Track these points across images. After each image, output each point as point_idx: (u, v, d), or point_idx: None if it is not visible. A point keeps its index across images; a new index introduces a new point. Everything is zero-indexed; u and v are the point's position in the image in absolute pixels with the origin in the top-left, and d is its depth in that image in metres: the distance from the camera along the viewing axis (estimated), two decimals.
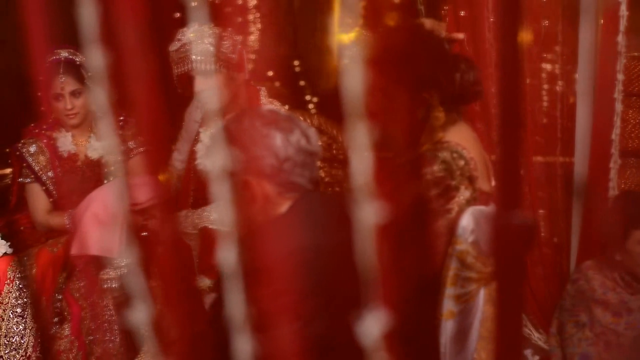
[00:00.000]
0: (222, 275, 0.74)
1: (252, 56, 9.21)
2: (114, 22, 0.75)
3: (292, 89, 4.42)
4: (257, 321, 0.72)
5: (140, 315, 0.76)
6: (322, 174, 3.23)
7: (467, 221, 2.03)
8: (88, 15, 0.75)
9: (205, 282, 2.75)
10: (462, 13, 2.85)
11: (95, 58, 0.76)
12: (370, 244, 0.67)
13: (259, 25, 9.36)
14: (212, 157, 1.50)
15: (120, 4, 0.81)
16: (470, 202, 2.15)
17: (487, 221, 2.02)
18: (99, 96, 0.76)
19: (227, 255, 0.73)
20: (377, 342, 0.68)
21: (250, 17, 9.35)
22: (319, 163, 1.66)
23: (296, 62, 5.01)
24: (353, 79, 0.66)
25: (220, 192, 0.73)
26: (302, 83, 4.47)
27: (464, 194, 2.13)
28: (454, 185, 2.11)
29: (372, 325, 0.68)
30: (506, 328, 0.92)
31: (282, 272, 0.69)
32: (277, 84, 4.25)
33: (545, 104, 3.01)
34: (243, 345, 0.72)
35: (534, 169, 2.81)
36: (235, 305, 0.72)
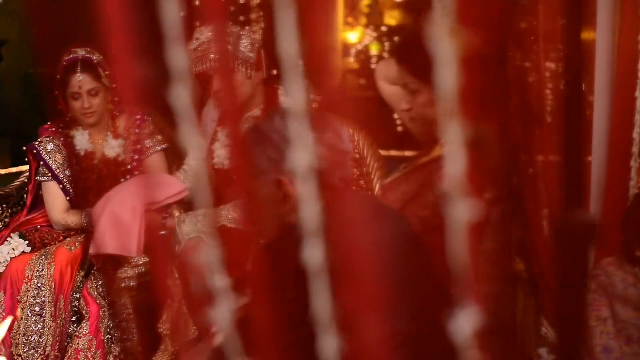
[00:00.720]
0: (306, 274, 0.74)
1: None
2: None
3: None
4: (344, 320, 0.72)
5: (223, 314, 0.76)
6: None
7: (494, 219, 2.03)
8: (171, 14, 0.76)
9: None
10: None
11: (177, 57, 0.76)
12: (463, 242, 0.68)
13: (262, 24, 9.38)
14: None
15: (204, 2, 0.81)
16: (494, 201, 2.16)
17: (515, 220, 2.02)
18: (181, 95, 0.76)
19: (312, 253, 0.73)
20: (469, 340, 0.68)
21: (253, 15, 9.36)
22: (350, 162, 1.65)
23: (300, 61, 5.01)
24: (448, 76, 0.66)
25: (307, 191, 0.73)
26: (305, 82, 4.47)
27: (487, 193, 2.13)
28: (483, 183, 2.12)
29: (464, 323, 0.69)
30: (572, 326, 0.93)
31: (363, 270, 0.69)
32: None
33: (550, 103, 2.99)
34: (329, 344, 0.72)
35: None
36: (321, 304, 0.73)
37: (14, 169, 7.43)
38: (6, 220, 3.25)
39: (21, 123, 6.68)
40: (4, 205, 3.25)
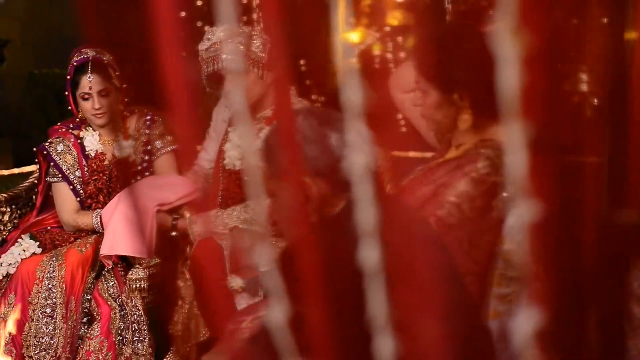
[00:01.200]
0: (361, 276, 0.74)
1: None
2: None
3: (298, 88, 4.41)
4: (399, 321, 0.72)
5: (277, 315, 0.76)
6: None
7: (514, 220, 2.02)
8: (228, 14, 0.75)
9: (237, 281, 2.74)
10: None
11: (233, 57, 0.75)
12: (524, 242, 0.67)
13: (262, 25, 9.38)
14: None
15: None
16: (515, 199, 2.15)
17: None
18: (237, 95, 0.75)
19: (369, 255, 0.73)
20: (529, 341, 0.68)
21: (255, 16, 9.36)
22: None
23: (302, 62, 5.00)
24: (510, 76, 0.66)
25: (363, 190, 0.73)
26: (307, 82, 4.47)
27: (508, 190, 2.13)
28: (499, 182, 2.12)
29: (525, 324, 0.68)
30: (610, 329, 0.92)
31: (417, 271, 0.69)
32: None
33: (595, 102, 2.97)
34: (385, 345, 0.72)
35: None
36: (377, 305, 0.72)
37: (16, 170, 7.42)
38: (15, 221, 3.24)
39: (22, 123, 6.67)
40: (13, 207, 3.24)
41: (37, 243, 2.97)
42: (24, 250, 2.94)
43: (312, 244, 0.81)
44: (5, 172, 7.11)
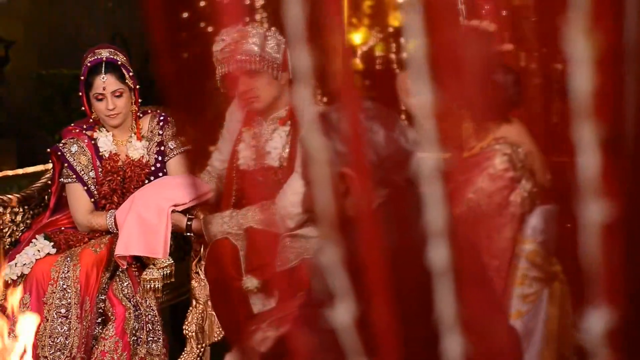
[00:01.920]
0: (429, 273, 0.74)
1: None
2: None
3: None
4: (468, 321, 0.72)
5: (343, 315, 0.76)
6: None
7: (536, 221, 2.04)
8: (295, 15, 0.76)
9: (252, 282, 2.74)
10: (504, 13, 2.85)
11: (301, 57, 0.76)
12: (597, 242, 0.68)
13: (266, 25, 9.38)
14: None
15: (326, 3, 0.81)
16: (531, 195, 2.17)
17: (555, 220, 2.03)
18: (303, 95, 0.76)
19: (438, 254, 0.73)
20: (601, 340, 0.69)
21: (258, 17, 9.36)
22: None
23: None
24: (582, 77, 0.67)
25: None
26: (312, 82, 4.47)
27: (525, 186, 2.15)
28: (516, 177, 2.13)
29: (596, 322, 0.69)
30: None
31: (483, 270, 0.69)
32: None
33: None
34: (453, 345, 0.72)
35: None
36: (446, 304, 0.73)
37: (20, 171, 7.42)
38: (28, 222, 3.24)
39: (25, 124, 6.67)
40: (26, 207, 3.24)
41: (52, 243, 2.97)
42: (39, 250, 2.94)
43: (374, 240, 0.81)
44: (10, 173, 7.11)
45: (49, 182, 3.28)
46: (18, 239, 3.18)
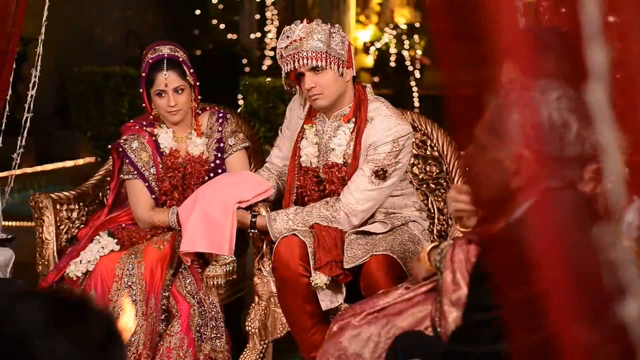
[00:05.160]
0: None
1: (271, 53, 9.19)
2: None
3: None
4: None
5: (634, 309, 0.77)
6: (417, 171, 3.25)
7: (632, 216, 2.05)
8: (591, 13, 0.77)
9: (322, 278, 2.75)
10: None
11: (598, 54, 0.76)
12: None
13: (276, 23, 9.39)
14: None
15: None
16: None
17: None
18: (598, 94, 0.77)
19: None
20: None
21: (268, 14, 9.36)
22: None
23: None
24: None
25: None
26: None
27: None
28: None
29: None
30: None
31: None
32: None
33: None
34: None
35: None
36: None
37: (39, 168, 7.35)
38: (83, 218, 3.23)
39: (44, 122, 6.62)
40: (81, 204, 3.23)
41: (115, 240, 2.96)
42: (103, 247, 2.93)
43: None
44: (29, 170, 7.05)
45: (104, 178, 3.27)
46: (75, 236, 3.17)
